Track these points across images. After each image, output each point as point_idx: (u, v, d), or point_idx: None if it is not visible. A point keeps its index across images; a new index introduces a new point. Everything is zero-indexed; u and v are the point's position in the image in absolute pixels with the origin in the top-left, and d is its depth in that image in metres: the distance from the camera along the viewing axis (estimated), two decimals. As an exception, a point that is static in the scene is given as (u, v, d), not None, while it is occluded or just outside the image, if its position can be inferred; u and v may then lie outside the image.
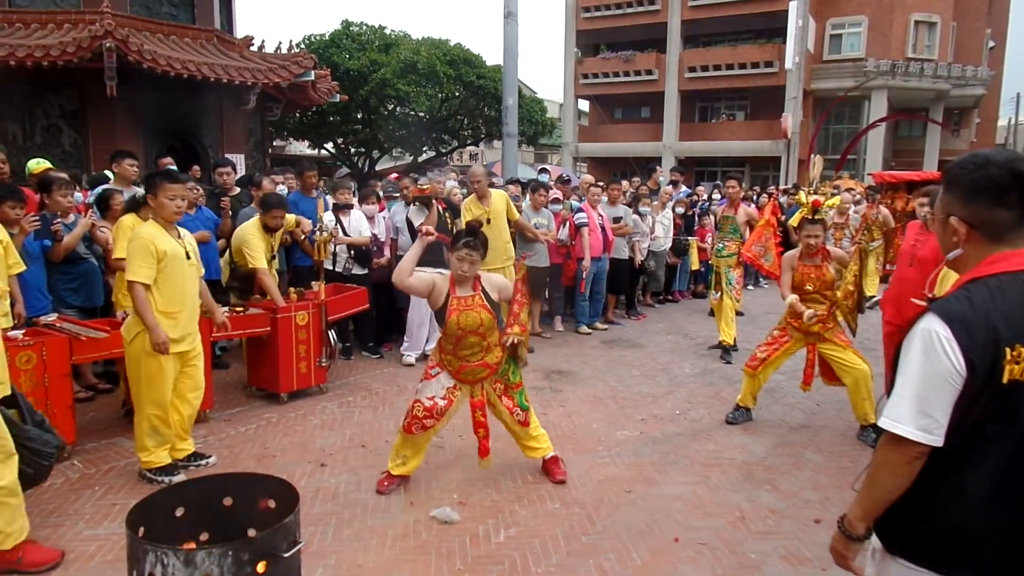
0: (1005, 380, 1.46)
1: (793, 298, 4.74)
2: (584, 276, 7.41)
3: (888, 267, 10.92)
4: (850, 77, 26.98)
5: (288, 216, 5.77)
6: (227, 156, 9.29)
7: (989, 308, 1.49)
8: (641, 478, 4.08)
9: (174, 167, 6.88)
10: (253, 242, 5.29)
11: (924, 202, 4.90)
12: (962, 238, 1.62)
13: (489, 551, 3.24)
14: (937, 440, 1.50)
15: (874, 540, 1.70)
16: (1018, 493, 1.50)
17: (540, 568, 3.11)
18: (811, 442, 4.69)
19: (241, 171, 8.88)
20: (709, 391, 5.80)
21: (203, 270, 4.18)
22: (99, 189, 5.72)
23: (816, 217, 4.74)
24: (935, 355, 1.48)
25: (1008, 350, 1.46)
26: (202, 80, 9.31)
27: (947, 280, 3.30)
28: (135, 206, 4.71)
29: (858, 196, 9.86)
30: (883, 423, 1.56)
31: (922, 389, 1.50)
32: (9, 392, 3.01)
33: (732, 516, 3.62)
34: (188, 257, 3.83)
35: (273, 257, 5.54)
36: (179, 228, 3.90)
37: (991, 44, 32.87)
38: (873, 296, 9.84)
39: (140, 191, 4.92)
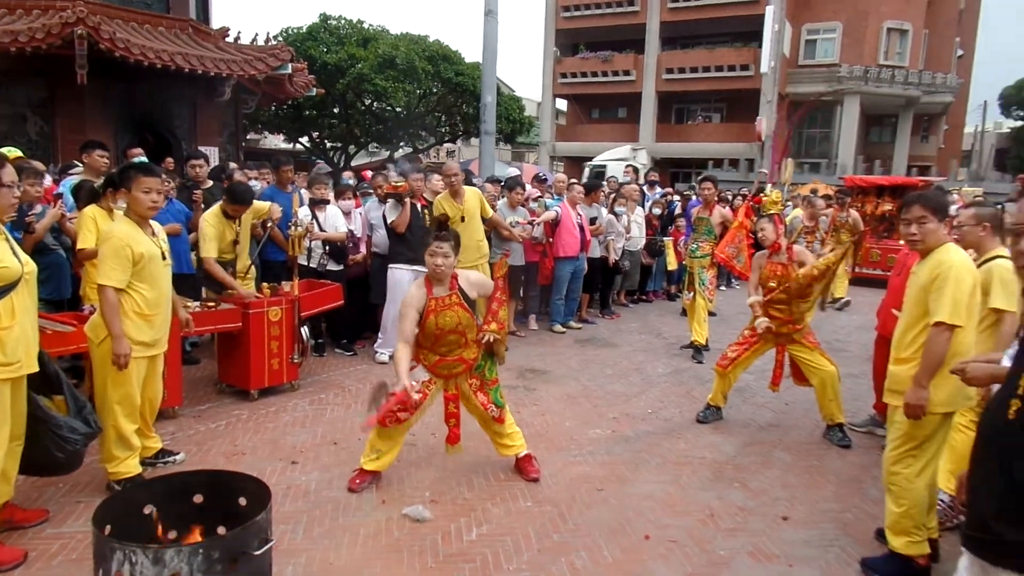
0: None
1: (755, 299, 4.87)
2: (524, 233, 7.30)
3: (857, 269, 11.13)
4: (823, 82, 27.43)
5: (260, 204, 5.68)
6: (200, 148, 9.17)
7: None
8: (613, 476, 4.11)
9: (144, 158, 6.78)
10: (206, 229, 5.15)
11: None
12: None
13: (461, 549, 3.25)
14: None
15: (965, 560, 1.86)
16: None
17: (512, 566, 3.12)
18: (780, 441, 4.77)
19: (214, 163, 8.77)
20: (681, 390, 5.87)
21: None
22: (74, 179, 5.56)
23: (762, 213, 5.06)
24: None
25: None
26: (176, 70, 9.18)
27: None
28: (94, 196, 4.56)
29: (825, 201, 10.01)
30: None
31: None
32: (36, 369, 3.05)
33: (702, 514, 3.67)
34: (164, 258, 3.69)
35: (235, 243, 5.40)
36: (153, 224, 3.74)
37: (960, 52, 33.66)
38: (842, 298, 10.02)
39: (99, 182, 4.72)
